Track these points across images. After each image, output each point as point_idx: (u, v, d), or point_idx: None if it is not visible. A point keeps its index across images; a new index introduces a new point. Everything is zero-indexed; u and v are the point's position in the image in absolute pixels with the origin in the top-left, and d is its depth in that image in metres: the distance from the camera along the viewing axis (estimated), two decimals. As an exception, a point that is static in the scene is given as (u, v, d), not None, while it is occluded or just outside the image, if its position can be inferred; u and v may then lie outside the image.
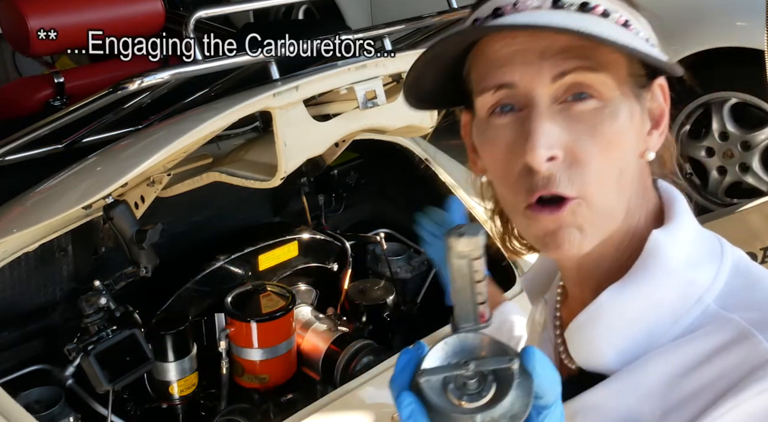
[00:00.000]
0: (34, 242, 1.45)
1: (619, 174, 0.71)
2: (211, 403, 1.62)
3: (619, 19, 0.70)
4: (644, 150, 0.75)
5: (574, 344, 0.78)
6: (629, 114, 0.71)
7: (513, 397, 0.60)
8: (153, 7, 2.26)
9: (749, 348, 0.67)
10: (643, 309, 0.73)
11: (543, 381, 0.60)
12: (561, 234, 0.71)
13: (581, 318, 0.77)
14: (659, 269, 0.73)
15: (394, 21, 1.62)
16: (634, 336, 0.74)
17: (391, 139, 1.98)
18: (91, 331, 1.42)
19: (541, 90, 0.70)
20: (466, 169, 2.20)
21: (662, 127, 0.76)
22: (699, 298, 0.72)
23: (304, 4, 4.92)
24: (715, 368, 0.68)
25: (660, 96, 0.76)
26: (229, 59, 1.33)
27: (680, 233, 0.75)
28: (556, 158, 0.69)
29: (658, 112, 0.76)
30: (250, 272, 1.77)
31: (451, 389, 0.61)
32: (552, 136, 0.69)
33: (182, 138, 1.16)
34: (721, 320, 0.70)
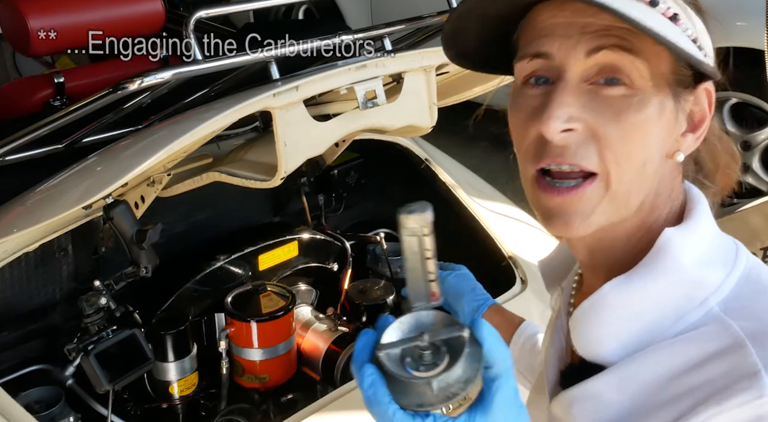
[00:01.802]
0: (34, 242, 1.45)
1: (642, 164, 0.71)
2: (211, 403, 1.62)
3: (667, 11, 0.69)
4: (675, 151, 0.74)
5: (576, 332, 0.79)
6: (659, 108, 0.71)
7: (464, 363, 0.64)
8: (153, 7, 2.26)
9: (739, 359, 0.67)
10: (646, 303, 0.73)
11: (491, 350, 0.63)
12: (565, 219, 0.72)
13: (584, 306, 0.77)
14: (667, 266, 0.73)
15: (394, 21, 1.62)
16: (635, 329, 0.74)
17: (391, 139, 1.98)
18: (91, 331, 1.42)
19: (574, 64, 0.70)
20: (466, 168, 2.21)
21: (700, 132, 0.75)
22: (704, 300, 0.72)
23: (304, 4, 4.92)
24: (704, 374, 0.68)
25: (704, 100, 0.75)
26: (229, 59, 1.33)
27: (694, 234, 0.74)
28: (574, 131, 0.69)
29: (699, 116, 0.75)
30: (250, 272, 1.77)
31: (408, 361, 0.65)
32: (571, 108, 0.69)
33: (182, 138, 1.16)
34: (721, 324, 0.70)
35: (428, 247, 0.69)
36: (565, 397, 0.79)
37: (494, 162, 3.92)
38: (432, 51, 1.44)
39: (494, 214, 2.01)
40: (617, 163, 0.70)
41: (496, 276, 1.86)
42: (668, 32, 0.66)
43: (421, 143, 2.12)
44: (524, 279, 1.82)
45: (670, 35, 0.66)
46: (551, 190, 0.72)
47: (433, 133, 1.59)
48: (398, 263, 2.01)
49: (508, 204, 2.13)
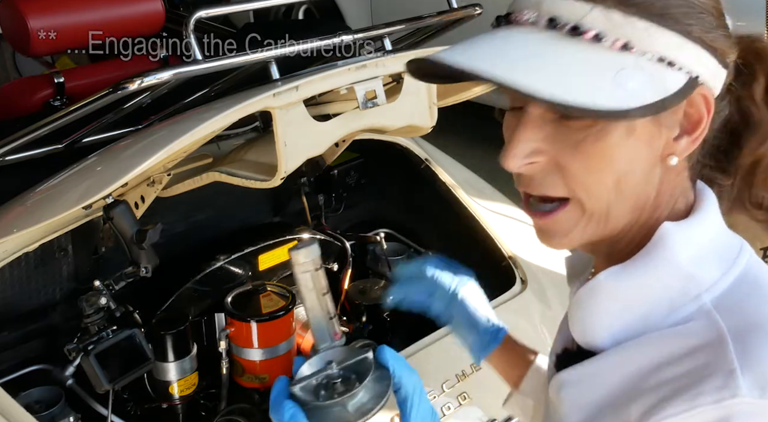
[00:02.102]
0: (34, 242, 1.45)
1: (614, 184, 0.71)
2: (211, 403, 1.62)
3: (615, 43, 0.67)
4: (667, 154, 0.73)
5: (573, 319, 0.80)
6: (625, 131, 0.70)
7: (373, 380, 0.72)
8: (153, 7, 2.26)
9: (718, 354, 0.67)
10: (639, 294, 0.74)
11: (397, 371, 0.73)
12: (548, 237, 0.76)
13: (580, 292, 0.78)
14: (661, 258, 0.73)
15: (394, 21, 1.62)
16: (628, 319, 0.75)
17: (391, 139, 1.98)
18: (91, 331, 1.42)
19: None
20: (466, 168, 2.21)
21: (696, 134, 0.73)
22: (697, 295, 0.72)
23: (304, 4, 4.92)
24: (683, 366, 0.68)
25: (701, 104, 0.73)
26: (229, 59, 1.33)
27: (694, 230, 0.75)
28: (537, 163, 0.71)
29: (696, 117, 0.73)
30: (250, 272, 1.77)
31: (322, 393, 0.72)
32: (530, 144, 0.71)
33: (182, 138, 1.16)
34: (709, 320, 0.70)
35: (321, 281, 0.77)
36: (557, 380, 0.81)
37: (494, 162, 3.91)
38: (432, 51, 1.44)
39: (494, 214, 2.01)
40: (585, 189, 0.71)
41: (496, 276, 1.86)
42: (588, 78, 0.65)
43: (421, 143, 2.12)
44: (524, 279, 1.82)
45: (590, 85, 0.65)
46: (533, 213, 0.76)
47: (433, 133, 1.59)
48: (398, 263, 2.01)
49: (508, 204, 2.13)
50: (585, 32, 0.67)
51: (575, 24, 0.67)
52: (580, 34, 0.67)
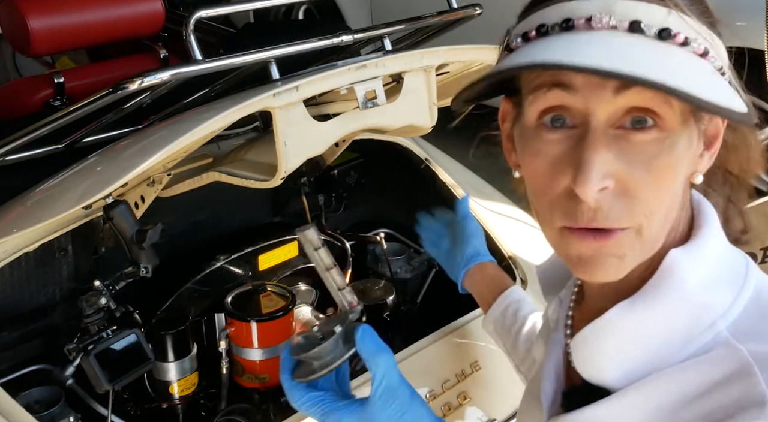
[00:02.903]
0: (34, 242, 1.45)
1: (669, 204, 0.68)
2: (211, 403, 1.62)
3: (698, 48, 0.64)
4: (693, 172, 0.71)
5: (579, 356, 0.77)
6: (688, 143, 0.67)
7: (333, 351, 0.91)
8: (153, 7, 2.26)
9: (746, 388, 0.64)
10: (652, 329, 0.71)
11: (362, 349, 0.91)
12: (599, 262, 0.68)
13: (587, 331, 0.74)
14: (672, 289, 0.70)
15: (394, 21, 1.62)
16: (641, 355, 0.71)
17: (391, 139, 1.98)
18: (91, 331, 1.42)
19: (599, 105, 0.64)
20: (466, 168, 2.20)
21: (714, 149, 0.72)
22: (712, 323, 0.69)
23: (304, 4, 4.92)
24: (711, 402, 0.66)
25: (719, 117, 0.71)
26: (229, 59, 1.33)
27: (701, 253, 0.71)
28: (607, 188, 0.65)
29: (713, 133, 0.72)
30: (250, 272, 1.77)
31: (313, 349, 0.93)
32: (606, 166, 0.64)
33: (182, 138, 1.16)
34: (729, 349, 0.67)
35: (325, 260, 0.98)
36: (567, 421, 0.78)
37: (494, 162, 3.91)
38: (432, 51, 1.44)
39: (494, 214, 2.01)
40: (648, 214, 0.66)
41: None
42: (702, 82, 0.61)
43: (421, 143, 2.12)
44: (524, 279, 1.81)
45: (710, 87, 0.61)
46: (586, 235, 0.67)
47: (433, 133, 1.59)
48: (398, 263, 2.01)
49: (508, 204, 2.13)
50: (675, 36, 0.63)
51: (663, 27, 0.63)
52: (668, 37, 0.63)
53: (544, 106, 0.67)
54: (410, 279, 1.99)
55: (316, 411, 0.90)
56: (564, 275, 0.92)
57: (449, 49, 1.44)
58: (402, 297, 1.96)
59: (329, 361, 0.90)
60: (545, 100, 0.66)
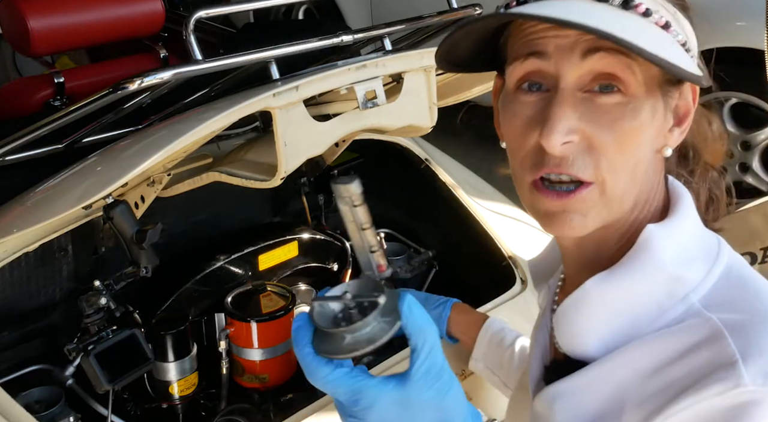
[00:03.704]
0: (34, 242, 1.45)
1: (635, 165, 0.72)
2: (211, 403, 1.62)
3: (660, 20, 0.70)
4: (662, 146, 0.75)
5: (560, 328, 0.80)
6: (651, 111, 0.72)
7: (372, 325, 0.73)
8: (153, 7, 2.26)
9: (717, 350, 0.68)
10: (628, 300, 0.74)
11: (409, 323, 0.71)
12: (563, 217, 0.74)
13: (567, 303, 0.78)
14: (648, 262, 0.74)
15: (394, 21, 1.62)
16: (617, 325, 0.75)
17: (391, 139, 1.98)
18: (91, 331, 1.42)
19: (569, 68, 0.70)
20: (466, 168, 2.20)
21: (684, 126, 0.76)
22: (685, 296, 0.73)
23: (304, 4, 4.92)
24: (684, 366, 0.69)
25: (689, 95, 0.76)
26: (229, 59, 1.33)
27: (676, 230, 0.75)
28: (571, 142, 0.71)
29: (684, 110, 0.76)
30: (250, 272, 1.77)
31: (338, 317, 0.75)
32: (570, 122, 0.70)
33: (182, 138, 1.16)
34: (701, 318, 0.71)
35: (362, 217, 0.77)
36: (548, 393, 0.81)
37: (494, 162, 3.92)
38: (432, 51, 1.44)
39: (494, 214, 2.01)
40: (612, 170, 0.71)
41: (496, 276, 1.86)
42: (662, 46, 0.67)
43: (421, 143, 2.12)
44: (524, 279, 1.82)
45: (666, 50, 0.67)
46: (550, 194, 0.73)
47: (433, 133, 1.59)
48: (398, 263, 2.01)
49: (508, 204, 2.13)
50: (636, 6, 0.69)
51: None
52: (631, 7, 0.69)
53: (521, 73, 0.74)
54: (410, 279, 1.99)
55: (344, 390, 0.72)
56: (553, 266, 0.95)
57: (449, 49, 1.44)
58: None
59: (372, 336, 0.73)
60: (522, 67, 0.73)
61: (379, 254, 0.79)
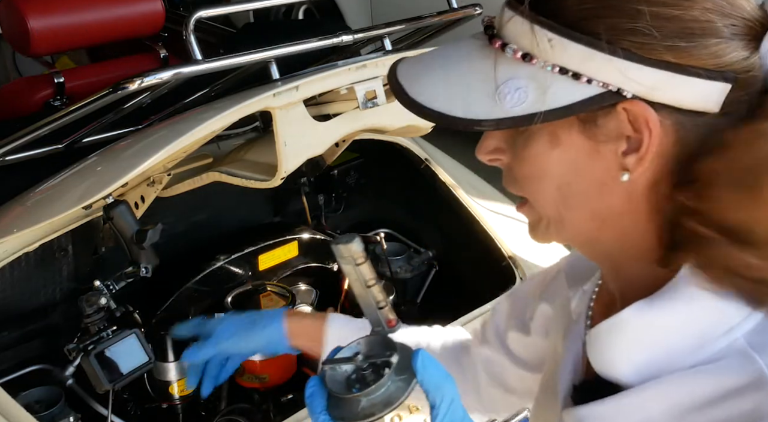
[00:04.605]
0: (34, 242, 1.45)
1: (556, 189, 0.72)
2: (211, 403, 1.62)
3: (516, 53, 0.68)
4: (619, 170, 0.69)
5: (593, 350, 0.77)
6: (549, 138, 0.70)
7: (387, 385, 0.71)
8: (153, 7, 2.26)
9: (762, 398, 0.64)
10: (668, 329, 0.71)
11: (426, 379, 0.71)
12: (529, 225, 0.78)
13: (603, 327, 0.75)
14: (691, 292, 0.70)
15: (394, 21, 1.62)
16: (655, 354, 0.71)
17: (391, 139, 1.98)
18: (91, 331, 1.42)
19: None
20: (466, 168, 2.20)
21: (641, 152, 0.68)
22: (729, 330, 0.69)
23: (304, 4, 4.93)
24: (725, 410, 0.66)
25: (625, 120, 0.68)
26: (229, 59, 1.33)
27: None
28: (500, 160, 0.76)
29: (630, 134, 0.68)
30: (250, 272, 1.77)
31: (352, 379, 0.74)
32: (492, 141, 0.75)
33: (182, 138, 1.16)
34: (745, 358, 0.67)
35: (366, 274, 0.76)
36: (576, 414, 0.78)
37: (494, 162, 3.90)
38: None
39: (494, 214, 2.01)
40: (530, 193, 0.74)
41: (496, 276, 1.86)
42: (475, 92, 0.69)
43: (421, 143, 2.12)
44: (524, 279, 1.82)
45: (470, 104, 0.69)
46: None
47: (433, 133, 1.59)
48: (398, 263, 2.01)
49: (508, 204, 2.13)
50: (494, 42, 0.70)
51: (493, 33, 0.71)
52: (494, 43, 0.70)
53: None
54: (410, 279, 1.99)
55: None
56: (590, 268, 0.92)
57: (449, 49, 1.44)
58: (402, 297, 1.96)
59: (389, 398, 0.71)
60: None
61: (387, 309, 0.79)
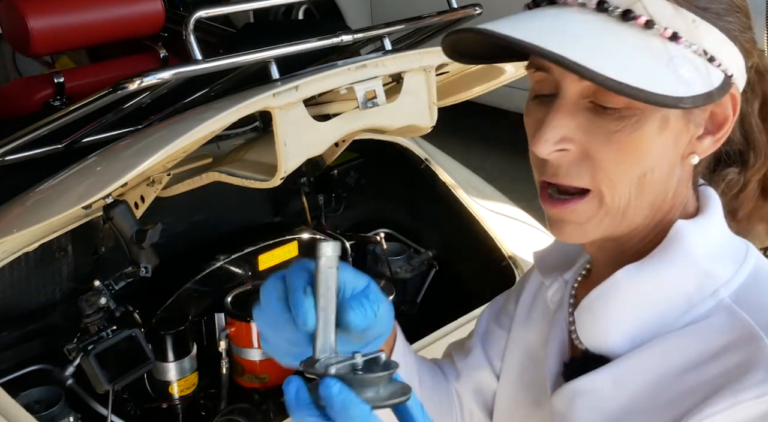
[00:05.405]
0: (34, 242, 1.45)
1: (640, 178, 0.70)
2: (211, 403, 1.62)
3: (665, 32, 0.67)
4: (689, 153, 0.73)
5: (583, 322, 0.78)
6: (659, 123, 0.69)
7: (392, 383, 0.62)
8: (153, 7, 2.26)
9: (754, 350, 0.66)
10: (658, 292, 0.73)
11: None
12: (561, 225, 0.74)
13: (593, 295, 0.76)
14: (679, 255, 0.73)
15: (394, 21, 1.62)
16: (645, 319, 0.74)
17: (391, 139, 1.98)
18: (91, 331, 1.42)
19: (570, 84, 0.69)
20: (466, 168, 2.21)
21: (720, 134, 0.73)
22: (715, 291, 0.72)
23: (304, 4, 4.93)
24: (717, 366, 0.68)
25: (728, 104, 0.72)
26: (229, 59, 1.33)
27: (706, 226, 0.75)
28: (567, 151, 0.70)
29: (721, 118, 0.73)
30: (250, 272, 1.77)
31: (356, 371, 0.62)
32: (562, 130, 0.69)
33: (182, 138, 1.16)
34: (732, 315, 0.70)
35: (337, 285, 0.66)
36: (568, 390, 0.79)
37: (494, 162, 3.92)
38: (432, 51, 1.44)
39: (494, 214, 2.01)
40: (610, 181, 0.70)
41: (496, 276, 1.86)
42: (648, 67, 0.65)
43: (421, 143, 2.12)
44: (524, 279, 1.81)
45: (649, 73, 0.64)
46: (550, 201, 0.74)
47: (433, 133, 1.59)
48: (398, 263, 2.01)
49: (508, 204, 2.13)
50: (637, 17, 0.66)
51: (627, 8, 0.66)
52: (631, 18, 0.66)
53: (533, 82, 0.74)
54: (410, 279, 1.99)
55: None
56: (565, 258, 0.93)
57: (449, 49, 1.44)
58: (402, 297, 1.96)
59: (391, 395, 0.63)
60: (533, 78, 0.74)
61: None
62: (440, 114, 1.53)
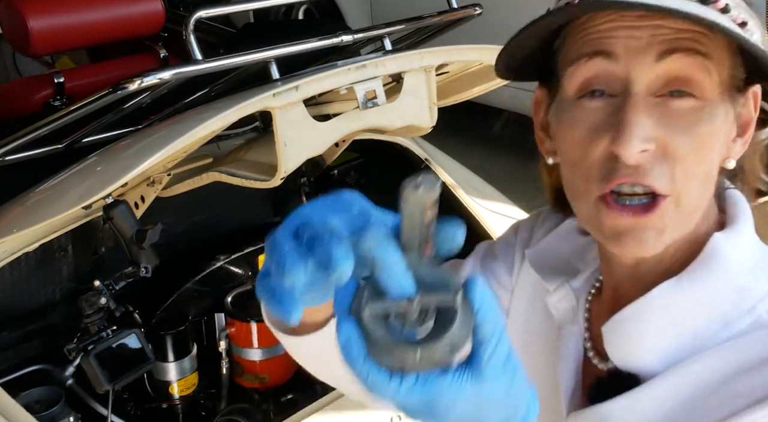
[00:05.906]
0: (34, 242, 1.45)
1: (706, 175, 0.68)
2: (211, 403, 1.62)
3: (737, 17, 0.66)
4: (726, 157, 0.71)
5: (614, 340, 0.74)
6: (724, 115, 0.68)
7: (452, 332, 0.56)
8: (153, 7, 2.26)
9: None
10: (694, 309, 0.71)
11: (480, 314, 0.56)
12: (636, 236, 0.68)
13: (627, 312, 0.73)
14: (716, 270, 0.70)
15: (394, 21, 1.62)
16: (680, 336, 0.71)
17: (391, 139, 1.98)
18: (91, 331, 1.42)
19: (641, 71, 0.65)
20: (466, 168, 2.20)
21: (747, 136, 0.72)
22: (752, 307, 0.69)
23: (304, 4, 4.92)
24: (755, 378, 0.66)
25: (752, 103, 0.72)
26: (229, 59, 1.33)
27: (741, 239, 0.72)
28: (648, 151, 0.65)
29: (746, 119, 0.72)
30: (250, 272, 1.77)
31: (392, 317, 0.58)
32: (647, 128, 0.65)
33: (182, 138, 1.16)
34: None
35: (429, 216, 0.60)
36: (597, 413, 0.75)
37: (494, 162, 3.92)
38: (432, 51, 1.44)
39: (494, 214, 2.01)
40: (687, 179, 0.67)
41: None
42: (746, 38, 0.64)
43: (421, 143, 2.12)
44: (524, 279, 1.81)
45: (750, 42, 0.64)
46: (623, 210, 0.67)
47: (433, 133, 1.59)
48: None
49: (508, 204, 2.13)
50: (715, 1, 0.65)
51: None
52: (710, 2, 0.65)
53: (586, 75, 0.68)
54: (410, 279, 1.99)
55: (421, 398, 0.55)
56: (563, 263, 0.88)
57: (449, 49, 1.44)
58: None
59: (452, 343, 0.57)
60: (587, 68, 0.67)
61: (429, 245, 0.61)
62: (440, 114, 1.53)
